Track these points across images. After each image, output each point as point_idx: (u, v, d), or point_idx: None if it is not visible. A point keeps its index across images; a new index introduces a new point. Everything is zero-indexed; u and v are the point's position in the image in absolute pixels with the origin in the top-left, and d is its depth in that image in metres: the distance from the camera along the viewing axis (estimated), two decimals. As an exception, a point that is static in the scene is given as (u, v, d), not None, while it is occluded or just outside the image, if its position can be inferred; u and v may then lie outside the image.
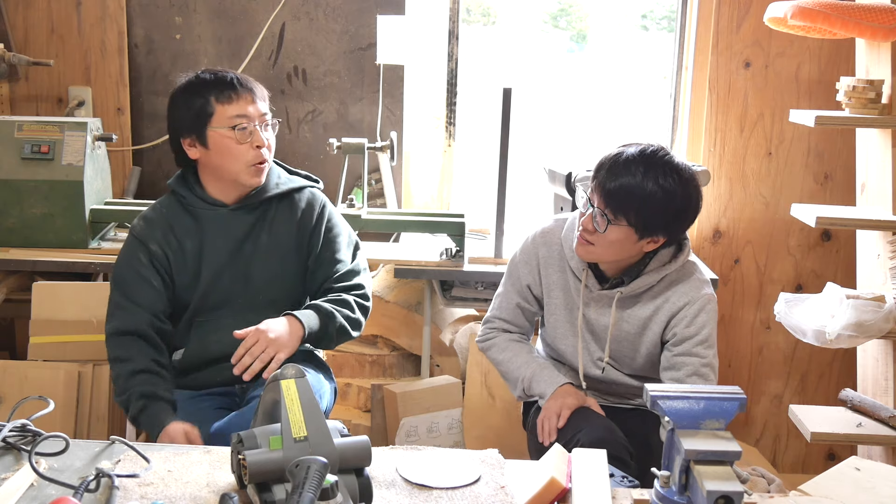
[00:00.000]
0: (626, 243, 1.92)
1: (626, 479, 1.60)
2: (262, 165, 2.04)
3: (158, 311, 2.03)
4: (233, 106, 1.98)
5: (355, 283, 2.13)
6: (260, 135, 2.00)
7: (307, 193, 2.16)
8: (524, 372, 2.08)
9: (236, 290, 2.07)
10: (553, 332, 2.13)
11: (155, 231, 2.05)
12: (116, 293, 2.04)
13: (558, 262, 2.08)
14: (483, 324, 2.23)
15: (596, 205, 1.91)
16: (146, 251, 2.03)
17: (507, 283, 2.17)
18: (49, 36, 3.15)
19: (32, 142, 2.77)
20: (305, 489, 1.18)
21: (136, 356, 1.97)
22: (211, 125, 1.98)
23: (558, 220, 2.12)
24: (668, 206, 1.87)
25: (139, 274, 2.02)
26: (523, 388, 2.09)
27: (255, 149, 2.00)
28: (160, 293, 2.03)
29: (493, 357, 2.18)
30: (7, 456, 1.50)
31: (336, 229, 2.16)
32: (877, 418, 2.48)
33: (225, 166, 2.02)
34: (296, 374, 1.39)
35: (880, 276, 2.57)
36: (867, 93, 2.47)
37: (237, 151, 1.99)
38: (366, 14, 3.16)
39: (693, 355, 1.97)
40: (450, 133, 3.30)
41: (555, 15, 9.76)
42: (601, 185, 1.90)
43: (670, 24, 3.74)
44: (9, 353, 3.11)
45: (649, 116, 6.32)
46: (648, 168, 1.86)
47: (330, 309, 2.02)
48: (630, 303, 2.02)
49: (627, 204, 1.86)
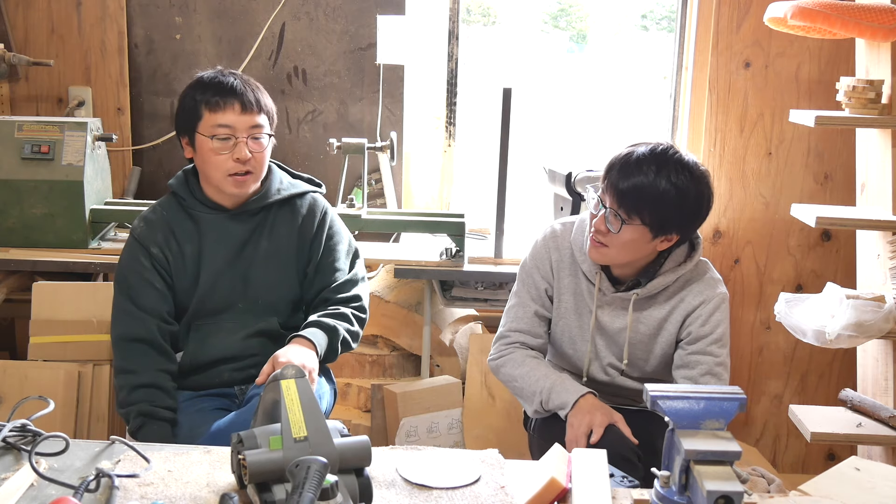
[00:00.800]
0: (640, 243, 1.91)
1: (626, 479, 1.60)
2: (245, 177, 2.00)
3: (164, 314, 2.02)
4: (218, 115, 1.95)
5: (353, 295, 2.12)
6: (243, 148, 1.95)
7: (309, 199, 2.14)
8: (542, 384, 1.99)
9: (235, 295, 2.06)
10: (560, 338, 2.11)
11: (156, 234, 2.04)
12: (121, 298, 2.02)
13: (569, 267, 2.06)
14: (496, 341, 2.13)
15: (608, 205, 1.90)
16: (147, 254, 2.02)
17: (521, 291, 2.11)
18: (49, 36, 3.15)
19: (32, 142, 2.77)
20: (305, 489, 1.18)
21: (141, 368, 1.96)
22: (198, 130, 1.97)
23: (565, 224, 2.10)
24: (681, 204, 1.87)
25: (143, 278, 2.01)
26: (541, 401, 1.99)
27: (235, 160, 1.96)
28: (164, 295, 2.03)
29: (507, 373, 2.07)
30: (7, 456, 1.50)
31: (336, 237, 2.15)
32: (877, 418, 2.48)
33: (207, 171, 2.01)
34: (296, 374, 1.40)
35: (880, 276, 2.57)
36: (867, 93, 2.47)
37: (216, 161, 1.96)
38: (366, 14, 3.16)
39: (708, 354, 1.97)
40: (450, 133, 3.30)
41: (555, 15, 9.77)
42: (614, 185, 1.88)
43: (670, 24, 3.74)
44: (9, 353, 3.11)
45: (649, 117, 6.32)
46: (661, 166, 1.85)
47: (332, 324, 2.01)
48: (645, 304, 2.01)
49: (641, 203, 1.85)
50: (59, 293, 2.63)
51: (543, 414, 2.01)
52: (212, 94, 1.96)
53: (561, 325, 2.10)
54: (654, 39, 8.53)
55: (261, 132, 1.99)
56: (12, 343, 3.13)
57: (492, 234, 2.93)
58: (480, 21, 8.08)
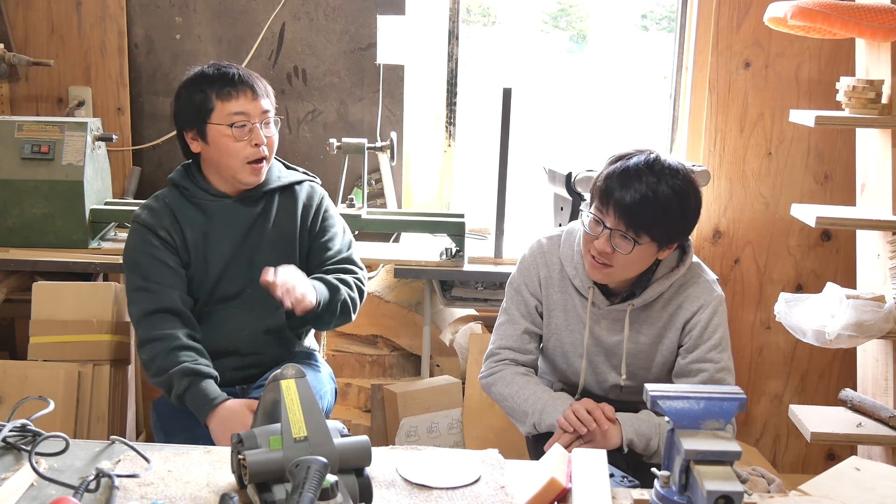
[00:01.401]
0: (646, 257, 1.87)
1: (626, 479, 1.60)
2: (261, 164, 2.03)
3: (182, 289, 2.01)
4: (232, 103, 1.98)
5: (352, 269, 2.13)
6: (259, 132, 2.00)
7: (306, 186, 2.18)
8: (534, 405, 1.96)
9: (243, 282, 2.07)
10: (553, 353, 2.08)
11: (162, 219, 2.04)
12: (135, 277, 2.00)
13: (559, 283, 2.02)
14: (486, 359, 2.10)
15: (612, 226, 1.82)
16: (156, 236, 2.02)
17: (511, 308, 2.07)
18: (49, 36, 3.15)
19: (32, 142, 2.77)
20: (305, 489, 1.18)
21: (172, 333, 1.93)
22: (210, 121, 1.99)
23: (552, 238, 2.05)
24: (683, 212, 1.83)
25: (154, 256, 2.00)
26: (534, 422, 1.95)
27: (254, 146, 2.00)
28: (178, 273, 2.01)
29: (498, 392, 2.04)
30: (7, 456, 1.50)
31: (332, 220, 2.19)
32: (877, 418, 2.48)
33: (224, 162, 2.02)
34: (296, 374, 1.40)
35: (880, 276, 2.57)
36: (867, 93, 2.47)
37: (235, 148, 1.99)
38: (366, 14, 3.16)
39: (708, 361, 1.94)
40: (450, 133, 3.30)
41: (555, 15, 9.77)
42: (617, 205, 1.81)
43: (670, 24, 3.74)
44: (9, 353, 3.11)
45: (649, 116, 6.32)
46: (660, 177, 1.80)
47: (334, 282, 2.02)
48: (642, 314, 1.97)
49: (649, 219, 1.79)
50: (59, 293, 2.63)
51: (536, 433, 1.97)
52: (221, 84, 1.98)
53: (553, 341, 2.06)
54: (654, 39, 8.53)
55: (270, 117, 2.04)
56: (12, 343, 3.13)
57: (492, 234, 2.93)
58: (480, 21, 8.08)
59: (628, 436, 1.87)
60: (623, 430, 1.87)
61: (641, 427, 1.89)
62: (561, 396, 1.98)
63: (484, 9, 8.05)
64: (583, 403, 1.89)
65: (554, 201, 2.99)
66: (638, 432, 1.88)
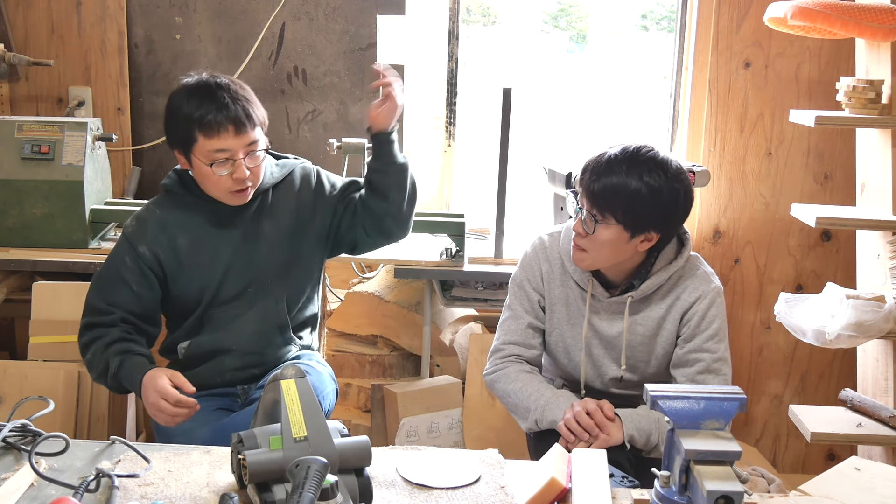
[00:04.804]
0: (619, 243, 1.91)
1: (626, 479, 1.60)
2: (245, 191, 2.01)
3: (133, 313, 2.01)
4: (214, 140, 1.93)
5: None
6: (242, 167, 1.96)
7: (298, 171, 2.17)
8: (537, 402, 1.98)
9: (244, 282, 2.07)
10: (555, 348, 2.10)
11: (146, 232, 2.04)
12: (92, 292, 2.03)
13: (560, 277, 2.06)
14: (491, 356, 2.12)
15: (584, 208, 1.92)
16: (133, 254, 2.02)
17: (514, 304, 2.10)
18: (49, 36, 3.15)
19: (32, 142, 2.77)
20: (305, 489, 1.18)
21: (108, 333, 1.95)
22: (193, 153, 1.97)
23: (553, 234, 2.11)
24: (655, 202, 1.86)
25: (119, 275, 2.01)
26: (535, 419, 1.97)
27: (235, 180, 1.97)
28: (138, 297, 2.01)
29: (501, 388, 2.06)
30: (7, 456, 1.50)
31: (336, 178, 2.20)
32: (877, 418, 2.48)
33: (205, 187, 2.02)
34: (296, 374, 1.40)
35: (880, 276, 2.57)
36: (867, 93, 2.47)
37: (215, 180, 1.97)
38: (366, 14, 3.16)
39: (705, 351, 1.97)
40: (450, 133, 3.30)
41: (555, 15, 9.76)
42: (587, 187, 1.91)
43: (670, 24, 3.74)
44: (9, 353, 3.11)
45: (649, 116, 6.32)
46: (632, 166, 1.87)
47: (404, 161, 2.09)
48: (642, 305, 2.01)
49: (613, 202, 1.87)
50: (59, 293, 2.63)
51: (538, 429, 1.99)
52: (203, 112, 1.92)
53: (555, 335, 2.09)
54: (654, 39, 8.52)
55: (256, 148, 1.99)
56: (12, 343, 3.13)
57: (492, 234, 2.93)
58: (480, 21, 8.08)
59: (629, 432, 1.90)
60: (624, 427, 1.90)
61: (641, 422, 1.92)
62: (563, 394, 2.00)
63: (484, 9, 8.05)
64: (583, 404, 1.90)
65: (554, 201, 2.98)
66: (638, 428, 1.91)
